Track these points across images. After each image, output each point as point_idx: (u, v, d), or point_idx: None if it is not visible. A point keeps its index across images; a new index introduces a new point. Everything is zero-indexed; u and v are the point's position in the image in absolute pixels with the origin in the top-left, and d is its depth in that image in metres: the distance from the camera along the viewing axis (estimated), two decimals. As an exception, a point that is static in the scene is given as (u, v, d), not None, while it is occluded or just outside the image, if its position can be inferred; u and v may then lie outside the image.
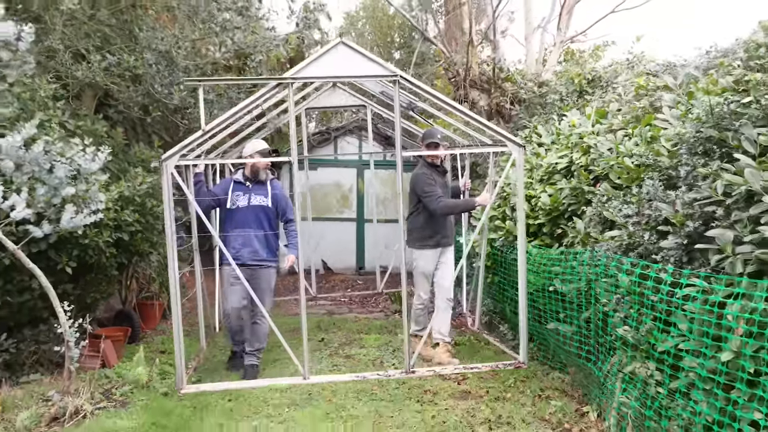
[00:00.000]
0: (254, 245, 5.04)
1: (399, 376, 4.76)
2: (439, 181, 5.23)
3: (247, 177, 5.15)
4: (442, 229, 5.21)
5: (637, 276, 3.17)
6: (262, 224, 5.09)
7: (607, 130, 4.64)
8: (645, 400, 3.05)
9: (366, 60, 4.73)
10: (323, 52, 4.70)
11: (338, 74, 4.87)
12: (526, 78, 7.83)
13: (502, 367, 4.86)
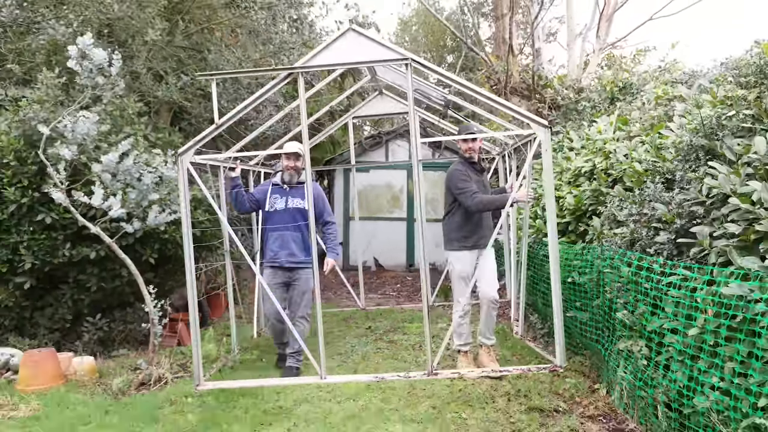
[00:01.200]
0: (291, 247, 5.03)
1: (420, 377, 4.67)
2: (475, 178, 4.91)
3: (285, 180, 5.15)
4: (479, 228, 4.89)
5: (634, 267, 3.62)
6: (299, 227, 5.08)
7: (626, 137, 5.04)
8: (636, 373, 3.50)
9: (377, 45, 4.59)
10: (333, 39, 4.60)
11: (348, 61, 4.68)
12: (565, 84, 8.20)
13: (536, 371, 4.68)
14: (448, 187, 4.93)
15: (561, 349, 4.74)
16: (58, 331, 5.53)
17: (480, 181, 4.98)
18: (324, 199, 5.25)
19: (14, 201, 5.12)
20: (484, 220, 4.98)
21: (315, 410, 4.16)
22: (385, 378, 4.68)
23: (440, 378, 4.64)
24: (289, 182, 5.11)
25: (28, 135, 5.06)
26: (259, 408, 4.22)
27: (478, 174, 4.99)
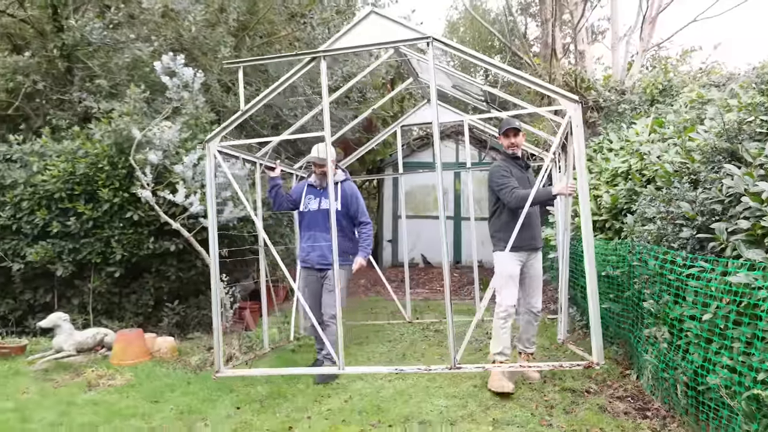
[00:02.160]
0: (323, 249, 4.99)
1: (442, 371, 4.60)
2: (519, 175, 4.68)
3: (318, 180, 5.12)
4: (527, 228, 4.56)
5: (660, 260, 3.96)
6: (329, 228, 4.90)
7: (660, 139, 5.33)
8: (660, 356, 3.85)
9: (398, 26, 4.51)
10: (355, 23, 4.58)
11: (369, 43, 4.56)
12: (608, 86, 8.44)
13: (568, 367, 4.48)
14: (490, 185, 4.75)
15: (598, 346, 4.37)
16: (142, 315, 6.26)
17: (524, 177, 4.71)
18: (358, 199, 5.10)
19: (107, 200, 5.86)
20: (533, 219, 4.66)
21: (368, 386, 4.67)
22: (404, 370, 4.67)
23: (463, 372, 4.57)
24: (319, 185, 5.08)
25: (119, 143, 5.78)
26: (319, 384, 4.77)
27: (522, 170, 4.74)
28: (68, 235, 6.00)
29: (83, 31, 6.46)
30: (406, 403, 4.28)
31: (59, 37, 6.36)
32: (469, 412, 4.07)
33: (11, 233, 6.09)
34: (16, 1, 6.66)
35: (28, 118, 6.68)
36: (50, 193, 5.94)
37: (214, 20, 6.49)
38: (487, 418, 3.93)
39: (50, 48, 6.54)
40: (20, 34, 7.09)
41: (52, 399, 4.54)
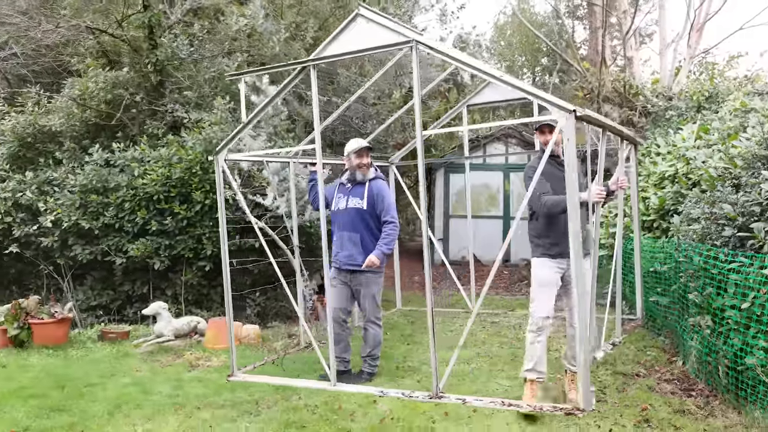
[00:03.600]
0: (350, 249, 4.87)
1: (422, 399, 4.35)
2: (556, 175, 4.21)
3: (349, 178, 5.02)
4: (562, 231, 4.11)
5: (704, 257, 4.40)
6: (357, 227, 4.86)
7: (705, 145, 5.73)
8: (703, 342, 4.30)
9: (384, 29, 4.34)
10: (341, 28, 4.50)
11: (355, 49, 4.44)
12: (655, 92, 8.77)
13: (549, 411, 4.04)
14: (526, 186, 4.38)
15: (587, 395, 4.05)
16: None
17: (562, 177, 4.15)
18: (384, 197, 4.88)
19: (199, 202, 6.63)
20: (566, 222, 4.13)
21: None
22: (388, 393, 4.50)
23: (444, 402, 4.29)
24: (348, 182, 4.99)
25: (209, 150, 6.52)
26: (393, 366, 5.37)
27: (559, 169, 4.19)
28: (165, 233, 6.78)
29: (173, 48, 7.26)
30: (473, 383, 4.83)
31: (153, 54, 7.17)
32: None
33: (114, 231, 6.91)
34: (116, 22, 7.50)
35: (125, 127, 7.51)
36: (149, 195, 6.73)
37: (290, 37, 7.19)
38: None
39: (145, 63, 7.36)
40: (115, 50, 7.95)
41: (162, 376, 5.26)
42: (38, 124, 7.20)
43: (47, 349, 6.00)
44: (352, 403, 4.38)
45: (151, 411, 4.31)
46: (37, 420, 4.14)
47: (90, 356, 5.87)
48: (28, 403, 4.46)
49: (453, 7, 29.13)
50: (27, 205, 6.91)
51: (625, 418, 3.89)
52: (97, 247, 6.87)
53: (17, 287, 7.40)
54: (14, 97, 8.27)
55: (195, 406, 4.39)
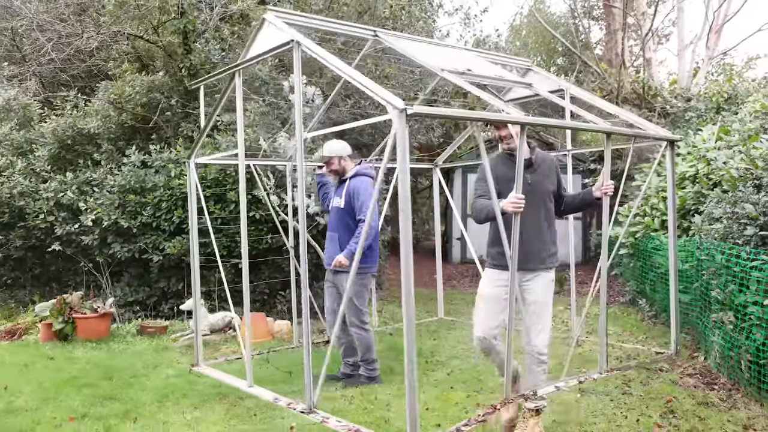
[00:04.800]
0: (330, 249, 4.88)
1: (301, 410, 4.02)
2: (510, 175, 3.49)
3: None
4: (523, 244, 3.50)
5: (726, 255, 4.57)
6: (336, 227, 4.88)
7: (726, 146, 5.88)
8: (726, 337, 4.48)
9: (278, 31, 4.12)
10: (256, 31, 4.42)
11: (263, 51, 4.26)
12: (673, 93, 8.91)
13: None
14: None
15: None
16: (258, 302, 7.24)
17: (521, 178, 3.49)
18: (360, 195, 4.70)
19: (233, 201, 6.88)
20: (533, 232, 3.62)
21: (464, 364, 5.45)
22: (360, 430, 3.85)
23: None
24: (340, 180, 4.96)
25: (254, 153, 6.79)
26: (423, 360, 5.57)
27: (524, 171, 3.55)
28: (200, 232, 7.03)
29: (206, 52, 7.51)
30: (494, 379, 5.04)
31: (188, 58, 7.43)
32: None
33: (152, 229, 7.18)
34: (152, 28, 7.76)
35: (160, 129, 7.78)
36: (185, 194, 6.99)
37: (319, 42, 7.43)
38: (577, 387, 4.62)
39: (179, 68, 7.62)
40: (149, 55, 8.23)
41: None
42: (77, 126, 7.49)
43: (90, 342, 6.28)
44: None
45: (197, 400, 4.56)
46: (92, 408, 4.40)
47: (131, 349, 6.14)
48: (81, 392, 4.73)
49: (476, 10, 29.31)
50: (68, 204, 7.20)
51: (651, 410, 4.08)
52: (134, 245, 7.14)
53: (57, 284, 7.70)
54: (50, 101, 8.59)
55: (237, 396, 4.63)
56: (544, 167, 3.78)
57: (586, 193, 3.97)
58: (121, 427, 4.04)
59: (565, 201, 3.95)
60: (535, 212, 3.64)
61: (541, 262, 3.67)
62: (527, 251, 3.57)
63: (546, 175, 3.77)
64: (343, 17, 8.05)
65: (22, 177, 7.37)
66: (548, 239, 3.72)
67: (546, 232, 3.72)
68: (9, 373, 5.31)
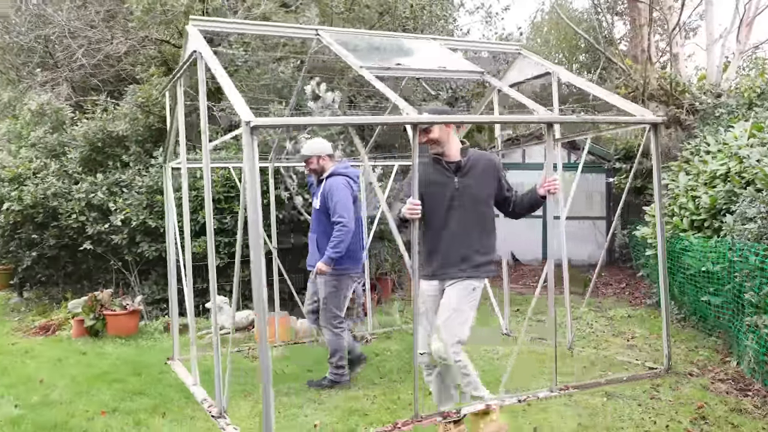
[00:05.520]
0: (312, 251, 4.85)
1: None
2: (441, 181, 3.46)
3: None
4: (439, 252, 3.44)
5: (761, 256, 4.47)
6: (314, 228, 4.85)
7: (759, 143, 5.74)
8: (761, 342, 4.37)
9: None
10: (185, 44, 4.47)
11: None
12: (702, 89, 8.72)
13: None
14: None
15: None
16: (281, 301, 7.29)
17: (447, 183, 3.46)
18: (334, 195, 4.58)
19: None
20: (460, 237, 3.43)
21: (504, 360, 5.41)
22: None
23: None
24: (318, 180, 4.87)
25: (265, 152, 6.83)
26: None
27: (446, 174, 3.48)
28: (224, 231, 7.13)
29: (230, 55, 7.61)
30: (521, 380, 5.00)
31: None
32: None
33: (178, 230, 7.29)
34: (177, 33, 7.89)
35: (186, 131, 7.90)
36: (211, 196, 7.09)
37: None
38: (600, 391, 4.56)
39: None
40: (175, 59, 8.34)
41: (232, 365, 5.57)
42: (106, 129, 7.64)
43: (120, 338, 6.42)
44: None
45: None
46: (122, 402, 4.50)
47: (159, 346, 6.25)
48: (112, 387, 4.84)
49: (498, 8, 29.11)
50: (98, 205, 7.35)
51: (681, 415, 4.00)
52: (161, 244, 7.25)
53: (89, 281, 7.87)
54: (81, 105, 8.78)
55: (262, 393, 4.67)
56: (477, 170, 3.52)
57: (533, 192, 3.63)
58: (151, 421, 4.13)
59: (515, 202, 3.67)
60: (463, 220, 3.44)
61: (463, 270, 3.42)
62: (450, 258, 3.43)
63: (479, 177, 3.52)
64: (364, 18, 8.07)
65: (56, 178, 7.55)
66: (478, 247, 3.46)
67: (476, 239, 3.46)
68: (44, 367, 5.46)
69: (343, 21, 8.20)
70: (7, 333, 7.08)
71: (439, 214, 3.45)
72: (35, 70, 9.10)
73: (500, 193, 3.62)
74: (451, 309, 3.36)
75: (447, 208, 3.43)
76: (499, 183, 3.60)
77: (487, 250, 3.50)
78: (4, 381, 4.99)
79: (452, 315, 3.35)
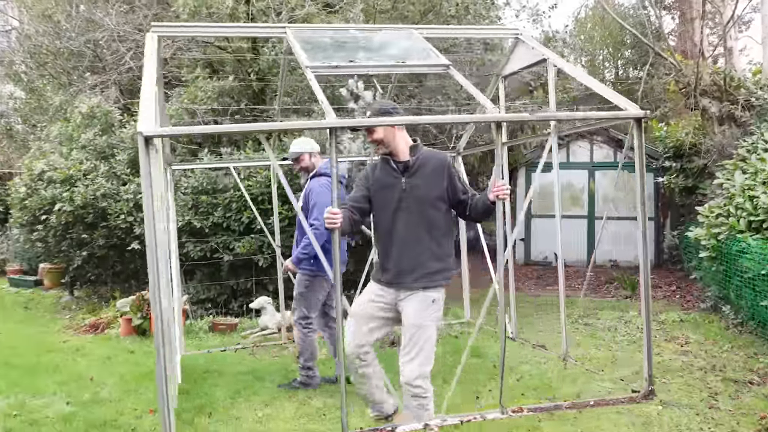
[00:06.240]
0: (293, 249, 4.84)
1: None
2: (389, 182, 3.28)
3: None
4: (392, 257, 3.26)
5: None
6: (299, 228, 4.74)
7: (824, 141, 5.44)
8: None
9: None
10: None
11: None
12: (758, 84, 8.34)
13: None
14: None
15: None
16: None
17: (395, 185, 3.27)
18: (314, 196, 4.51)
19: (300, 203, 6.99)
20: (410, 244, 3.23)
21: (533, 369, 5.28)
22: None
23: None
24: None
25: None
26: (491, 365, 5.45)
27: (393, 175, 3.29)
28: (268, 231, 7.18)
29: (273, 57, 7.67)
30: (573, 384, 4.85)
31: (256, 63, 7.61)
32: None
33: (222, 230, 7.40)
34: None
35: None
36: (254, 195, 7.15)
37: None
38: (654, 400, 4.39)
39: (247, 72, 7.82)
40: (219, 61, 8.49)
41: (272, 366, 5.60)
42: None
43: (166, 338, 6.53)
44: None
45: (268, 397, 4.63)
46: (169, 402, 4.55)
47: (204, 345, 6.33)
48: (159, 387, 4.90)
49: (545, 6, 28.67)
50: (146, 206, 7.51)
51: (743, 426, 3.82)
52: (206, 244, 7.37)
53: (136, 281, 8.06)
54: (129, 107, 9.00)
55: (306, 395, 4.67)
56: (426, 170, 3.28)
57: (485, 196, 3.27)
58: (197, 421, 4.16)
59: (470, 205, 3.34)
60: (412, 222, 3.23)
61: (415, 280, 3.20)
62: (400, 267, 3.22)
63: (428, 178, 3.27)
64: (407, 16, 8.01)
65: (105, 180, 7.75)
66: (429, 252, 3.23)
67: (426, 244, 3.23)
68: (94, 365, 5.60)
69: (386, 19, 8.17)
70: (58, 331, 7.31)
71: (387, 217, 3.28)
72: (85, 73, 9.38)
73: (454, 196, 3.33)
74: (413, 326, 3.17)
75: (394, 210, 3.25)
76: (451, 184, 3.32)
77: (441, 255, 3.28)
78: (57, 378, 5.12)
79: (417, 332, 3.15)
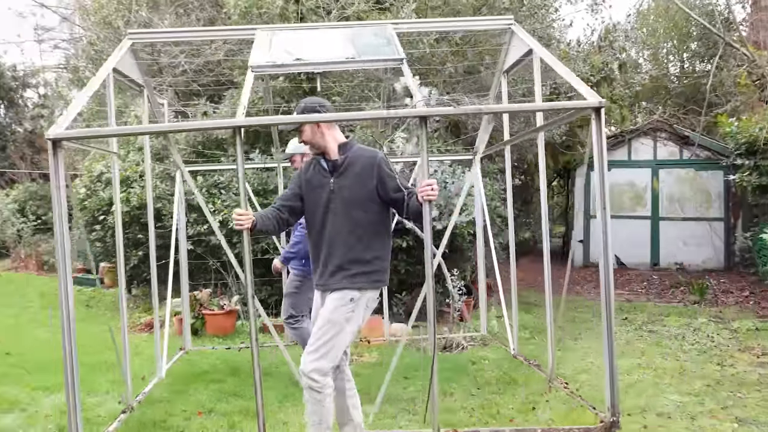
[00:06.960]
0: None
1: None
2: (321, 182, 3.20)
3: None
4: (326, 256, 3.18)
5: None
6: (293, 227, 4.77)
7: None
8: None
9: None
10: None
11: None
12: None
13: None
14: None
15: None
16: (374, 303, 7.21)
17: (325, 185, 3.18)
18: None
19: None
20: (336, 245, 3.15)
21: (594, 379, 4.99)
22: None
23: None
24: None
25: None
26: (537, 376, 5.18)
27: (323, 175, 3.21)
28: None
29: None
30: (639, 396, 4.54)
31: (306, 63, 7.59)
32: (708, 408, 4.22)
33: (273, 230, 7.39)
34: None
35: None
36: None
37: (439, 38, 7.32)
38: (729, 416, 4.05)
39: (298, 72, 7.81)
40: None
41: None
42: (206, 132, 7.89)
43: (218, 337, 6.57)
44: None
45: (315, 402, 4.53)
46: (218, 403, 4.54)
47: (254, 346, 6.32)
48: (209, 388, 4.90)
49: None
50: (198, 206, 7.59)
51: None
52: (257, 245, 7.38)
53: (189, 281, 8.15)
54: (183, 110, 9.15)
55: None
56: (355, 169, 3.16)
57: (415, 197, 3.11)
58: (245, 424, 4.12)
59: (407, 204, 3.13)
60: (338, 224, 3.14)
61: (337, 282, 3.13)
62: (326, 269, 3.17)
63: (356, 177, 3.14)
64: (460, 11, 7.80)
65: (159, 181, 7.89)
66: (352, 256, 3.12)
67: (353, 247, 3.12)
68: (147, 364, 5.65)
69: (438, 15, 7.99)
70: (115, 329, 7.46)
71: (318, 219, 3.20)
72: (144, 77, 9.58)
73: (385, 195, 3.14)
74: (324, 319, 3.12)
75: (323, 212, 3.17)
76: (382, 183, 3.13)
77: (367, 258, 3.14)
78: (110, 377, 5.19)
79: (325, 326, 3.10)
